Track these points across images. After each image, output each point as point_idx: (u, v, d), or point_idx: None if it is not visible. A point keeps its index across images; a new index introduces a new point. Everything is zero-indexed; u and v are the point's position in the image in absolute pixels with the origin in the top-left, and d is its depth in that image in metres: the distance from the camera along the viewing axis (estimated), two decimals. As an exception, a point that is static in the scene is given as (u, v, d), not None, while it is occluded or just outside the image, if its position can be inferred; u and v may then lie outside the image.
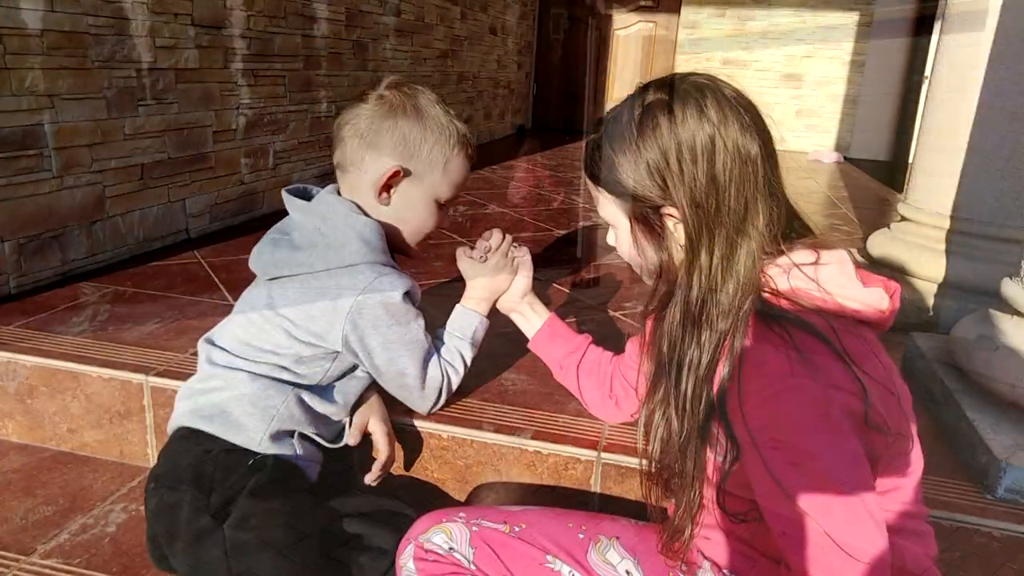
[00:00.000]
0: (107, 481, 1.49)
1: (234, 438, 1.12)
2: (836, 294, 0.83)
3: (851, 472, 0.76)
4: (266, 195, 2.98)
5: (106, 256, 2.20)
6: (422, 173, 1.23)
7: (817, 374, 0.75)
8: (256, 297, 1.22)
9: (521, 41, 6.69)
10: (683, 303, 0.88)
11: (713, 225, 0.84)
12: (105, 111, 2.11)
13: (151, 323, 1.75)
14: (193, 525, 1.03)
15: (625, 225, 0.94)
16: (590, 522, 1.06)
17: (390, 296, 1.17)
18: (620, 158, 0.88)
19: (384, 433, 1.25)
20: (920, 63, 6.19)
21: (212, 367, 1.19)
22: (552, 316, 1.35)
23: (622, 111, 0.90)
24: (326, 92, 3.33)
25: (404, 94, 1.22)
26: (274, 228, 1.26)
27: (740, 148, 0.83)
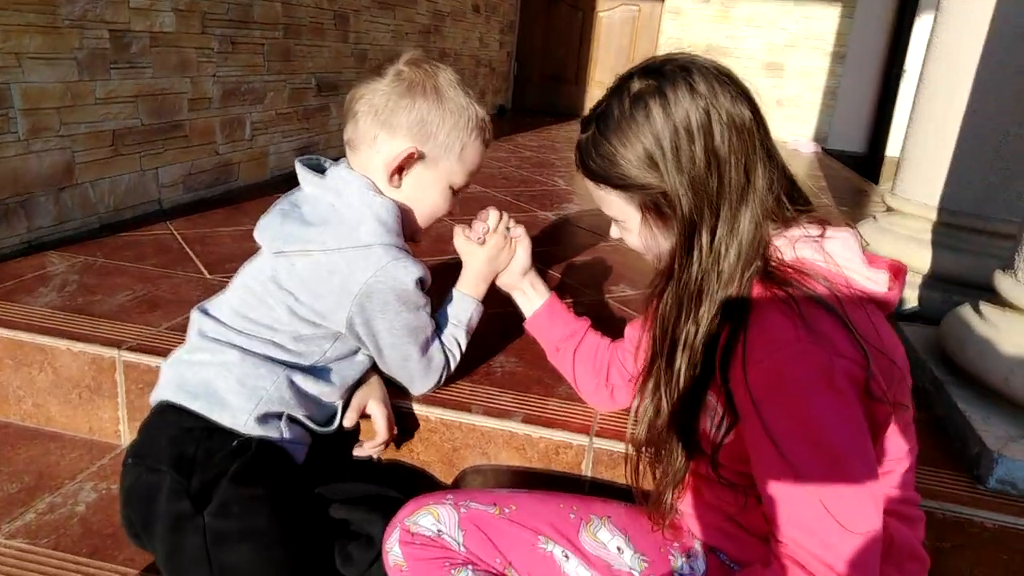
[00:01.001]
0: (76, 458, 1.42)
1: (218, 417, 1.06)
2: (843, 267, 0.84)
3: (852, 439, 0.76)
4: (242, 167, 2.89)
5: (75, 225, 2.10)
6: (437, 157, 1.17)
7: (821, 341, 0.76)
8: (259, 269, 1.16)
9: (504, 20, 6.59)
10: (680, 282, 0.87)
11: (716, 201, 0.84)
12: (76, 73, 2.02)
13: (122, 296, 1.68)
14: (172, 510, 0.98)
15: (636, 217, 0.92)
16: (581, 503, 1.05)
17: (403, 282, 1.12)
18: (620, 152, 0.87)
19: (384, 416, 1.21)
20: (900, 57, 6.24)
21: (202, 339, 1.13)
22: (552, 296, 1.31)
23: (611, 105, 0.88)
24: (306, 63, 3.23)
25: (424, 72, 1.15)
26: (283, 199, 1.20)
27: (735, 117, 0.84)
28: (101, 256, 1.94)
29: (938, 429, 1.38)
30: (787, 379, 0.76)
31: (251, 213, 2.50)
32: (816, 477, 0.74)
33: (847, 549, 0.73)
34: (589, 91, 7.17)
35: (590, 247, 2.52)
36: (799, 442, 0.76)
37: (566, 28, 7.05)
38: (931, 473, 1.24)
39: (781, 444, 0.76)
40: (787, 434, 0.76)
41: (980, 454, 1.24)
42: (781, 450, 0.76)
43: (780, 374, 0.76)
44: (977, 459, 1.24)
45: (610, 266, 2.30)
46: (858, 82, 6.59)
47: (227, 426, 1.06)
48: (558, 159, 4.50)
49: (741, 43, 6.74)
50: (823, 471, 0.74)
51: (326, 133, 3.49)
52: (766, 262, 0.83)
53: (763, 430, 0.77)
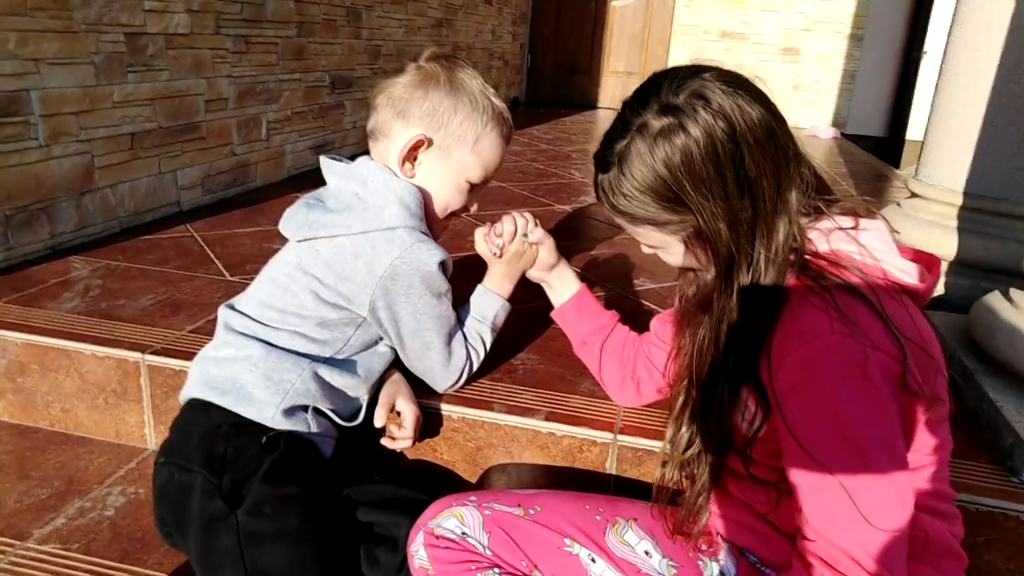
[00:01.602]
0: (104, 463, 1.44)
1: (246, 412, 1.08)
2: (878, 259, 0.83)
3: (883, 433, 0.75)
4: (259, 167, 2.90)
5: (96, 229, 2.12)
6: (449, 147, 1.18)
7: (857, 333, 0.75)
8: (284, 259, 1.19)
9: (516, 11, 6.56)
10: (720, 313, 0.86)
11: (751, 225, 0.82)
12: (93, 77, 2.03)
13: (145, 299, 1.69)
14: (205, 510, 0.99)
15: (678, 246, 0.91)
16: (607, 504, 1.04)
17: (427, 264, 1.13)
18: (650, 193, 0.85)
19: (412, 414, 1.22)
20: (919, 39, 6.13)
21: (228, 332, 1.15)
22: (582, 288, 1.30)
23: (631, 146, 0.84)
24: (319, 60, 3.23)
25: (442, 65, 1.18)
26: (308, 194, 1.22)
27: (758, 130, 0.81)
28: (123, 260, 1.96)
29: (968, 420, 1.36)
30: (820, 370, 0.75)
31: (269, 213, 2.51)
32: (844, 470, 0.74)
33: (874, 544, 0.73)
34: (603, 81, 7.13)
35: (608, 240, 2.50)
36: (829, 434, 0.75)
37: (579, 18, 7.00)
38: (962, 465, 1.22)
39: (811, 436, 0.76)
40: (817, 426, 0.76)
41: (1014, 445, 1.21)
42: (811, 442, 0.76)
43: (814, 364, 0.76)
44: (1010, 450, 1.22)
45: (629, 259, 2.29)
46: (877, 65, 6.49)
47: (255, 420, 1.07)
48: (574, 151, 4.47)
49: (757, 28, 6.65)
50: (851, 464, 0.74)
51: (341, 131, 3.49)
52: (800, 255, 0.83)
53: (794, 422, 0.77)
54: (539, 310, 1.40)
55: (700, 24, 6.66)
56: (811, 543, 0.76)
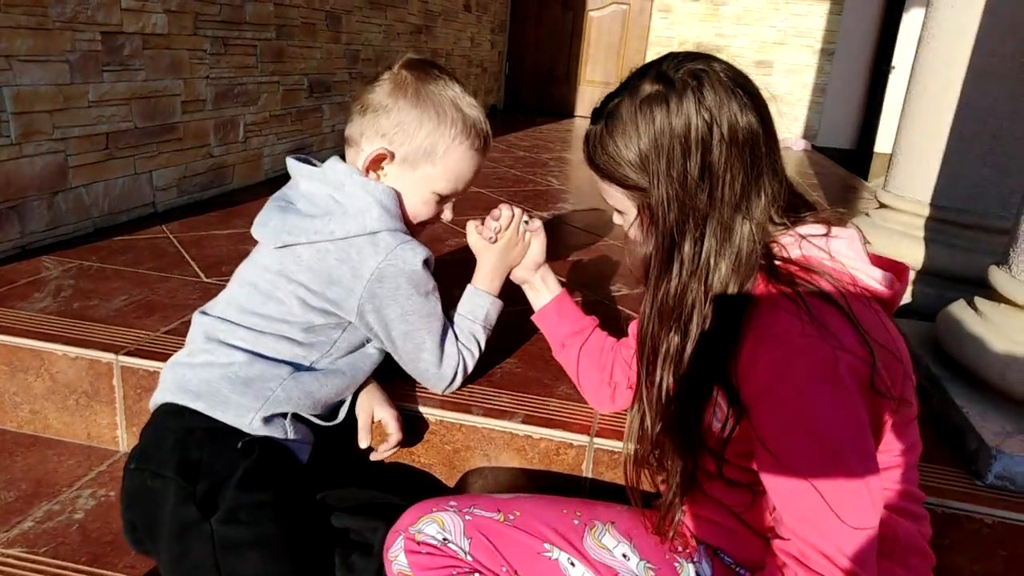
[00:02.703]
0: (73, 465, 1.41)
1: (222, 416, 1.06)
2: (848, 265, 0.84)
3: (852, 433, 0.76)
4: (236, 169, 2.88)
5: (69, 229, 2.09)
6: (415, 160, 1.17)
7: (827, 335, 0.76)
8: (263, 265, 1.16)
9: (495, 20, 6.59)
10: (658, 294, 0.89)
11: (704, 214, 0.84)
12: (68, 75, 2.00)
13: (119, 300, 1.67)
14: (178, 517, 0.98)
15: (632, 213, 0.93)
16: (584, 508, 1.05)
17: (412, 263, 1.13)
18: (621, 152, 0.88)
19: (394, 418, 1.21)
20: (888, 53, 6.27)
21: (207, 341, 1.13)
22: (562, 292, 1.32)
23: (621, 104, 0.88)
24: (298, 64, 3.22)
25: (414, 75, 1.16)
26: (276, 196, 1.21)
27: (739, 132, 0.84)
28: (96, 260, 1.93)
29: (934, 425, 1.39)
30: (792, 371, 0.77)
31: (246, 215, 2.49)
32: (815, 470, 0.75)
33: (846, 542, 0.74)
34: (580, 90, 7.17)
35: (585, 246, 2.52)
36: (800, 435, 0.77)
37: (557, 27, 7.05)
38: (928, 469, 1.25)
39: (783, 437, 0.78)
40: (789, 427, 0.78)
41: (978, 450, 1.25)
42: (782, 443, 0.77)
43: (785, 366, 0.77)
44: (975, 455, 1.25)
45: (606, 265, 2.31)
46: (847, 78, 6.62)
47: (231, 425, 1.06)
48: (551, 158, 4.50)
49: (731, 41, 6.75)
50: (822, 465, 0.75)
51: (320, 134, 3.47)
52: (770, 260, 0.84)
53: (765, 423, 0.79)
54: (517, 314, 1.41)
55: (676, 36, 6.75)
56: (785, 542, 0.78)
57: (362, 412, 1.21)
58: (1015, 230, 1.46)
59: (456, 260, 2.22)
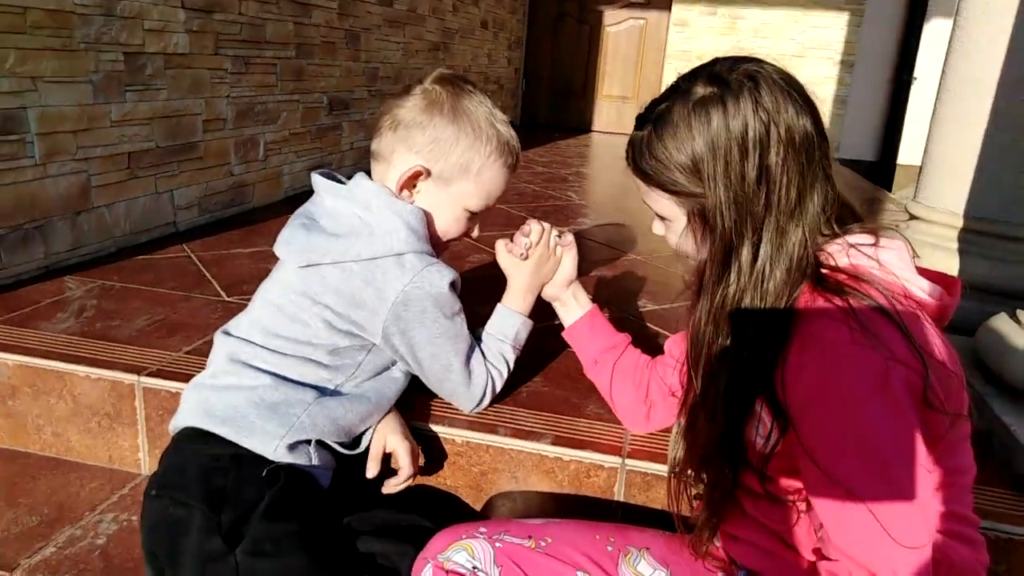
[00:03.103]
0: (96, 488, 1.39)
1: (247, 443, 1.04)
2: (898, 276, 0.81)
3: (905, 447, 0.73)
4: (256, 187, 2.88)
5: (91, 249, 2.09)
6: (450, 177, 1.15)
7: (878, 345, 0.73)
8: (287, 284, 1.13)
9: (512, 36, 6.61)
10: (715, 300, 0.86)
11: (761, 220, 0.82)
12: (91, 96, 2.01)
13: (141, 320, 1.66)
14: (203, 548, 0.95)
15: (682, 221, 0.91)
16: (617, 533, 1.01)
17: (438, 286, 1.11)
18: (673, 156, 0.86)
19: (407, 451, 1.16)
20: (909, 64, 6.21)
21: (231, 363, 1.10)
22: (594, 307, 1.29)
23: (671, 108, 0.86)
24: (318, 82, 3.23)
25: (448, 91, 1.15)
26: (299, 213, 1.18)
27: (796, 134, 0.82)
28: (118, 280, 1.93)
29: (980, 444, 1.33)
30: (841, 382, 0.74)
31: (266, 234, 2.48)
32: (865, 486, 0.72)
33: (898, 562, 0.71)
34: (598, 105, 7.17)
35: (608, 262, 2.49)
36: (849, 448, 0.73)
37: (573, 43, 7.06)
38: (977, 491, 1.19)
39: (831, 451, 0.74)
40: (837, 441, 0.74)
41: (1029, 470, 1.19)
42: (831, 457, 0.74)
43: (833, 376, 0.74)
44: (1026, 475, 1.20)
45: (631, 281, 2.27)
46: (868, 90, 6.55)
47: (256, 452, 1.03)
48: (570, 173, 4.48)
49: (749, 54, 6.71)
50: (873, 480, 0.72)
51: (339, 152, 3.48)
52: (817, 268, 0.82)
53: (812, 435, 0.75)
54: (544, 332, 1.38)
55: (693, 50, 6.72)
56: (833, 563, 0.75)
57: (376, 441, 1.17)
58: (1060, 241, 1.40)
59: (480, 278, 2.19)
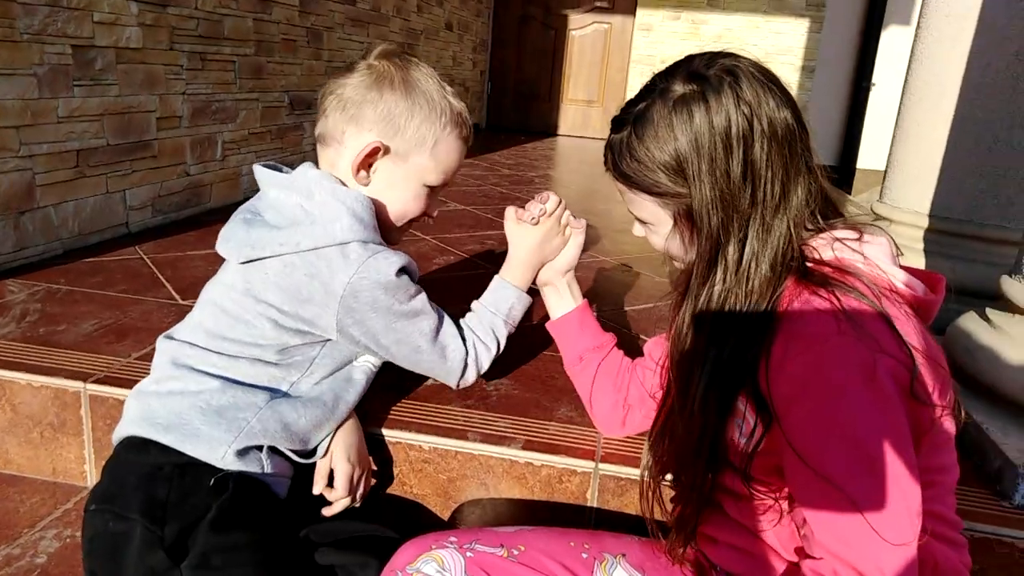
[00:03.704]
0: (37, 504, 1.31)
1: (192, 451, 0.97)
2: (884, 271, 0.80)
3: (892, 441, 0.70)
4: (213, 188, 2.79)
5: (36, 251, 1.99)
6: (406, 152, 1.10)
7: (865, 337, 0.72)
8: (229, 284, 1.07)
9: (476, 39, 6.57)
10: (700, 300, 0.83)
11: (747, 215, 0.80)
12: (36, 90, 1.91)
13: (88, 325, 1.57)
14: (144, 564, 0.88)
15: (668, 224, 0.88)
16: (592, 540, 0.98)
17: (386, 274, 1.04)
18: (656, 157, 0.83)
19: (345, 474, 1.08)
20: (868, 69, 6.32)
21: (175, 367, 1.03)
22: (584, 303, 1.25)
23: (651, 108, 0.84)
24: (278, 80, 3.15)
25: (395, 64, 1.09)
26: (242, 208, 1.11)
27: (778, 127, 0.80)
28: (65, 283, 1.83)
29: (953, 443, 1.33)
30: (828, 374, 0.71)
31: (224, 235, 2.40)
32: (852, 482, 0.70)
33: (884, 559, 0.68)
34: (563, 108, 7.17)
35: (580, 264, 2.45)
36: (835, 443, 0.71)
37: (538, 46, 7.05)
38: (953, 490, 1.18)
39: (816, 446, 0.72)
40: (821, 433, 0.72)
41: (1002, 468, 1.18)
42: (816, 453, 0.72)
43: (818, 368, 0.72)
44: (999, 474, 1.19)
45: (602, 282, 2.24)
46: (828, 95, 6.66)
47: (202, 460, 0.97)
48: (537, 176, 4.45)
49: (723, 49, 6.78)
50: (859, 475, 0.70)
51: (300, 152, 3.40)
52: (802, 262, 0.80)
53: (796, 429, 0.73)
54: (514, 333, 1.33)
55: (657, 54, 6.77)
56: (817, 562, 0.72)
57: (325, 457, 1.10)
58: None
59: (446, 279, 2.14)
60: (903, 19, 6.09)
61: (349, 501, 1.09)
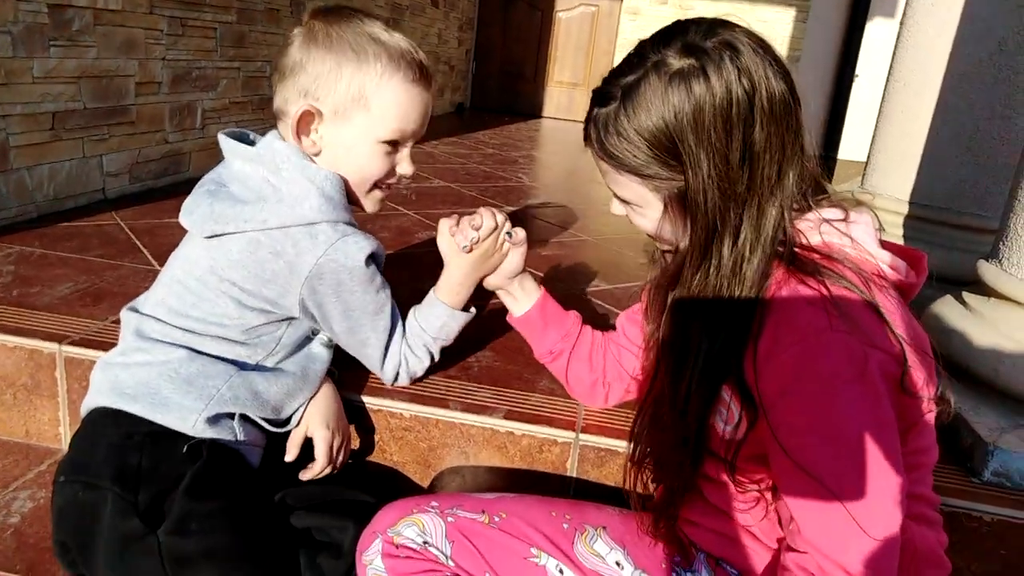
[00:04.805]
0: (10, 465, 1.29)
1: (163, 419, 0.95)
2: (873, 254, 0.78)
3: (881, 438, 0.70)
4: (192, 156, 2.74)
5: (9, 214, 1.95)
6: (345, 111, 1.01)
7: (856, 330, 0.70)
8: (192, 259, 1.04)
9: (463, 17, 6.51)
10: (691, 288, 0.80)
11: (743, 199, 0.76)
12: (10, 48, 1.86)
13: (64, 288, 1.54)
14: (118, 531, 0.87)
15: (656, 206, 0.83)
16: (574, 510, 0.98)
17: (355, 258, 1.01)
18: (648, 136, 0.77)
19: (324, 440, 1.07)
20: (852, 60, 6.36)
21: (141, 339, 1.01)
22: (543, 296, 1.19)
23: (642, 81, 0.77)
24: (261, 50, 3.10)
25: (323, 20, 1.01)
26: (206, 178, 1.07)
27: (776, 102, 0.75)
28: (39, 247, 1.80)
29: (926, 422, 1.35)
30: (816, 369, 0.70)
31: (203, 204, 2.36)
32: (839, 479, 0.69)
33: (869, 554, 0.68)
34: (548, 90, 7.14)
35: (558, 242, 2.46)
36: (823, 438, 0.71)
37: (525, 27, 7.00)
38: (925, 466, 1.21)
39: (803, 439, 0.71)
40: (810, 429, 0.71)
41: (973, 446, 1.21)
42: (803, 448, 0.71)
43: (809, 363, 0.70)
44: (971, 451, 1.21)
45: (580, 260, 2.24)
46: (812, 86, 6.70)
47: (174, 429, 0.95)
48: (521, 156, 4.43)
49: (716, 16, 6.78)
50: (846, 473, 0.69)
51: (282, 124, 3.35)
52: (789, 246, 0.77)
53: (784, 423, 0.72)
54: (496, 306, 1.33)
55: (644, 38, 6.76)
56: (801, 555, 0.72)
57: (300, 425, 1.08)
58: (1004, 225, 1.43)
59: (427, 254, 2.13)
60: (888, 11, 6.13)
61: (330, 469, 1.09)
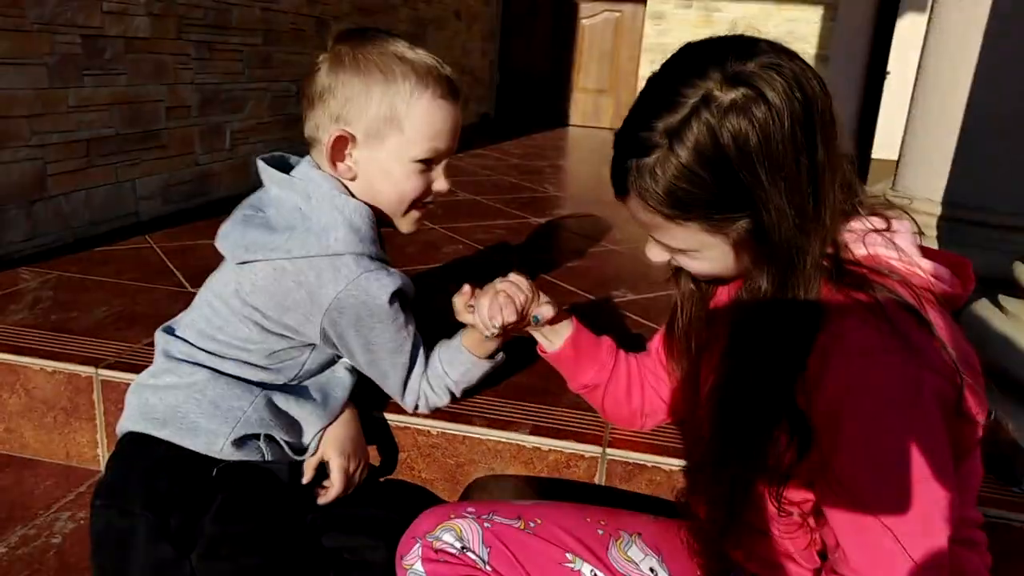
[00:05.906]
0: (51, 486, 1.32)
1: (191, 443, 0.97)
2: (920, 266, 0.74)
3: (934, 467, 0.67)
4: (222, 177, 2.80)
5: (48, 240, 2.01)
6: (378, 133, 1.01)
7: (910, 350, 0.66)
8: (223, 283, 1.06)
9: (485, 28, 6.55)
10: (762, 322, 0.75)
11: (811, 219, 0.71)
12: (47, 79, 1.92)
13: (100, 312, 1.58)
14: (151, 557, 0.89)
15: (718, 247, 0.77)
16: (608, 517, 0.97)
17: (376, 297, 1.00)
18: (716, 176, 0.70)
19: (340, 468, 1.06)
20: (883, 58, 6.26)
21: (168, 360, 1.03)
22: (575, 330, 1.11)
23: (694, 120, 0.69)
24: (286, 70, 3.15)
25: (348, 44, 1.01)
26: (246, 203, 1.09)
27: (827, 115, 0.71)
28: (76, 271, 1.85)
29: (963, 429, 1.32)
30: (868, 394, 0.67)
31: (234, 224, 2.41)
32: (889, 506, 0.67)
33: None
34: (573, 98, 7.14)
35: (585, 252, 2.45)
36: (874, 465, 0.68)
37: (548, 35, 7.02)
38: (962, 476, 1.18)
39: (853, 466, 0.69)
40: (861, 455, 0.69)
41: (1013, 454, 1.18)
42: (854, 475, 0.69)
43: (860, 387, 0.68)
44: (1009, 459, 1.18)
45: (608, 269, 2.24)
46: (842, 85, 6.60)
47: (201, 451, 0.97)
48: (547, 166, 4.44)
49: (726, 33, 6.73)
50: (897, 500, 0.67)
51: (309, 142, 3.40)
52: (836, 260, 0.73)
53: (833, 449, 0.69)
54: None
55: (669, 43, 6.72)
56: None
57: (317, 452, 1.08)
58: (1040, 224, 1.39)
59: (454, 268, 2.14)
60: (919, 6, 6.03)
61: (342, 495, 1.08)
